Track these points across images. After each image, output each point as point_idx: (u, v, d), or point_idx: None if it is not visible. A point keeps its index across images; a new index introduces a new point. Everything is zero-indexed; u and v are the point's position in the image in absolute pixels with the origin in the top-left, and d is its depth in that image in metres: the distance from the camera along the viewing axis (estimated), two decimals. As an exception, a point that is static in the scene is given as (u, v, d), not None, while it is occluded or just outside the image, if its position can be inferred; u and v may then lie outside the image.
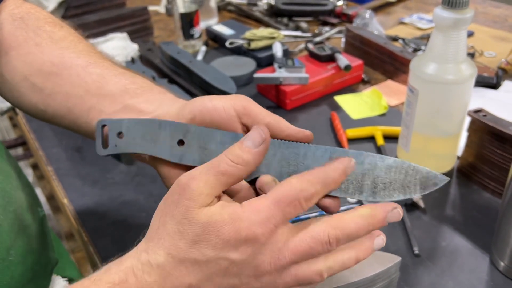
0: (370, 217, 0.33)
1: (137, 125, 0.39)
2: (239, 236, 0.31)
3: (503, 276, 0.52)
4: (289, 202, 0.32)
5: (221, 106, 0.38)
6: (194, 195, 0.31)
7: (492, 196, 0.63)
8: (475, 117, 0.61)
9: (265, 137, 0.34)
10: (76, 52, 0.46)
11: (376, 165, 0.36)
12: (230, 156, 0.33)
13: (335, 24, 1.18)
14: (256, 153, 0.34)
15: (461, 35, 0.57)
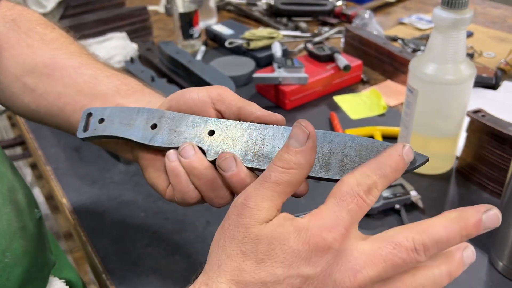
0: (461, 220, 0.29)
1: (118, 112, 0.41)
2: (309, 247, 0.27)
3: (502, 276, 0.52)
4: (350, 199, 0.28)
5: (195, 94, 0.40)
6: (254, 212, 0.29)
7: (491, 197, 0.63)
8: (474, 117, 0.61)
9: (310, 131, 0.30)
10: (67, 53, 0.47)
11: (346, 144, 0.34)
12: (279, 163, 0.30)
13: (335, 24, 1.18)
14: (305, 151, 0.30)
15: (460, 35, 0.57)
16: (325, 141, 0.35)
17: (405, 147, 0.30)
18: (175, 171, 0.37)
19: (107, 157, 0.74)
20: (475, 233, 0.29)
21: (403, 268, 0.28)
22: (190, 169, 0.37)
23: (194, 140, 0.38)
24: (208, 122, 0.39)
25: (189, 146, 0.37)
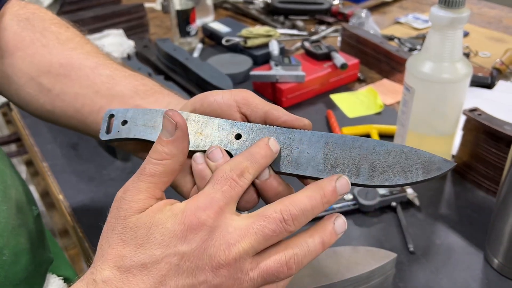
0: (319, 189, 0.32)
1: (141, 114, 0.40)
2: (184, 226, 0.29)
3: (497, 273, 0.53)
4: (223, 182, 0.31)
5: (220, 97, 0.39)
6: (130, 204, 0.31)
7: (486, 195, 0.63)
8: (470, 116, 0.62)
9: (177, 121, 0.32)
10: (84, 53, 0.46)
11: (374, 150, 0.35)
12: (153, 154, 0.32)
13: (332, 23, 1.18)
14: (175, 141, 0.32)
15: (457, 34, 0.58)
16: (354, 146, 0.35)
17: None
18: (202, 174, 0.37)
19: (104, 154, 0.74)
20: (333, 199, 0.32)
21: (275, 238, 0.31)
22: None
23: (221, 143, 0.37)
24: (234, 126, 0.37)
25: (217, 150, 0.37)
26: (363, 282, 0.46)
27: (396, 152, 0.34)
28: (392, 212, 0.61)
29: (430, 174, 0.34)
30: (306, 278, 0.44)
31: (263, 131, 0.37)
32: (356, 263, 0.46)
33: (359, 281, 0.45)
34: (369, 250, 0.47)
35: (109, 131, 0.41)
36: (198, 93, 0.87)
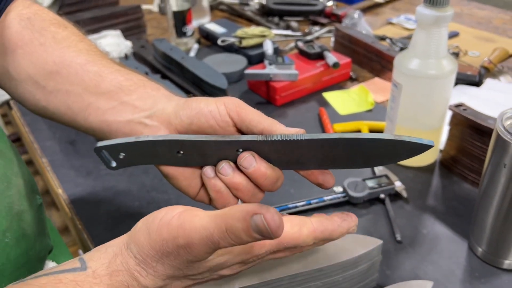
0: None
1: (132, 146, 0.41)
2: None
3: (480, 261, 0.55)
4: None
5: (217, 113, 0.40)
6: (194, 254, 0.32)
7: (471, 187, 0.65)
8: (456, 111, 0.64)
9: (276, 236, 0.31)
10: (76, 51, 0.47)
11: (366, 145, 0.38)
12: (232, 236, 0.31)
13: (325, 24, 1.21)
14: (259, 242, 0.34)
15: (442, 32, 0.60)
16: (349, 144, 0.37)
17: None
18: (216, 188, 0.40)
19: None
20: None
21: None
22: (233, 185, 0.40)
23: (228, 157, 0.40)
24: (232, 143, 0.39)
25: (227, 165, 0.40)
26: (351, 268, 0.48)
27: (387, 144, 0.37)
28: (381, 204, 0.63)
29: (411, 156, 0.37)
30: (294, 264, 0.46)
31: (260, 144, 0.38)
32: (343, 249, 0.47)
33: (346, 266, 0.47)
34: (356, 237, 0.49)
35: (109, 162, 0.42)
36: (194, 91, 0.89)
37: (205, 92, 0.86)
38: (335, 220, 0.38)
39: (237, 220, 0.29)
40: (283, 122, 0.85)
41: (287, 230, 0.35)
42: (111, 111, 0.44)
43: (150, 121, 0.42)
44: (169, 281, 0.34)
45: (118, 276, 0.32)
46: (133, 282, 0.32)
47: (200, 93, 0.86)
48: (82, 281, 0.31)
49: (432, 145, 0.36)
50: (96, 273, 0.32)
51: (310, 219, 0.37)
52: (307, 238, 0.36)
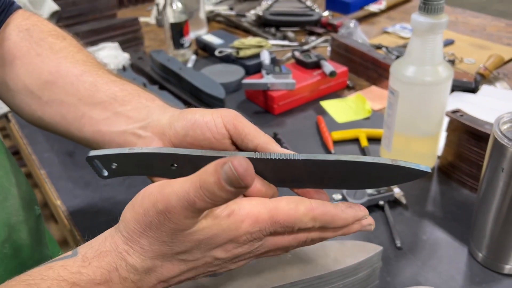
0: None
1: (125, 158, 0.40)
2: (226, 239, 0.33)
3: (481, 266, 0.55)
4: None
5: (213, 125, 0.39)
6: (176, 226, 0.31)
7: (470, 193, 0.65)
8: (453, 117, 0.64)
9: (247, 184, 0.29)
10: (73, 61, 0.47)
11: (362, 169, 0.37)
12: (207, 193, 0.29)
13: (321, 34, 1.22)
14: (235, 193, 0.29)
15: (437, 39, 0.60)
16: (344, 166, 0.37)
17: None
18: None
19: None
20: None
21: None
22: None
23: None
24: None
25: None
26: (351, 274, 0.48)
27: (384, 169, 0.36)
28: (380, 211, 0.63)
29: (407, 180, 0.37)
30: (295, 270, 0.46)
31: (257, 161, 0.38)
32: (343, 255, 0.47)
33: (347, 273, 0.47)
34: (356, 244, 0.49)
35: (101, 171, 0.42)
36: (192, 102, 0.89)
37: (203, 102, 0.86)
38: (339, 205, 0.36)
39: (210, 174, 0.28)
40: (281, 131, 0.85)
41: (283, 206, 0.33)
42: (105, 122, 0.43)
43: (144, 132, 0.42)
44: (159, 262, 0.32)
45: (106, 257, 0.32)
46: (121, 263, 0.32)
47: (198, 103, 0.86)
48: (70, 265, 0.31)
49: (429, 171, 0.36)
50: (85, 257, 0.32)
51: (309, 200, 0.35)
52: (304, 217, 0.34)
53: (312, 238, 0.36)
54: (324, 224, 0.35)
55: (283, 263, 0.46)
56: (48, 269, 0.31)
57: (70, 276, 0.30)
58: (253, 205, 0.33)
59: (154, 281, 0.33)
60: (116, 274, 0.31)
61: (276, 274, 0.45)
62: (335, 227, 0.36)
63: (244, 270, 0.45)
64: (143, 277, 0.32)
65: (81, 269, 0.31)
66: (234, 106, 0.91)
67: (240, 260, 0.35)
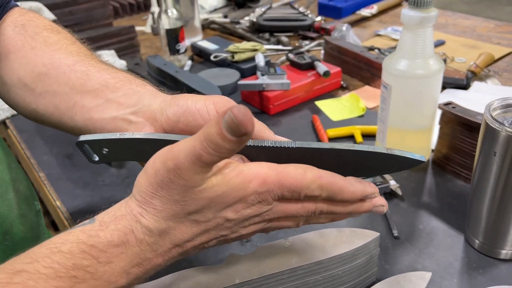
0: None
1: (116, 143, 0.40)
2: (233, 200, 0.33)
3: (477, 252, 0.55)
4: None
5: (205, 111, 0.40)
6: (187, 183, 0.32)
7: (464, 183, 0.66)
8: (445, 109, 0.66)
9: (248, 131, 0.29)
10: (66, 53, 0.48)
11: (357, 158, 0.37)
12: (211, 145, 0.30)
13: (314, 38, 1.24)
14: (239, 142, 0.30)
15: (427, 32, 0.62)
16: (339, 155, 0.37)
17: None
18: None
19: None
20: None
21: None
22: None
23: None
24: None
25: None
26: (349, 261, 0.48)
27: (378, 157, 0.37)
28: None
29: (402, 169, 0.38)
30: (294, 257, 0.46)
31: (252, 149, 0.38)
32: (341, 242, 0.48)
33: (345, 259, 0.48)
34: (353, 231, 0.50)
35: (92, 156, 0.42)
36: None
37: (199, 103, 0.87)
38: (348, 178, 0.36)
39: (212, 126, 0.29)
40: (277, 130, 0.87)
41: (290, 171, 0.34)
42: (96, 109, 0.44)
43: (135, 117, 0.42)
44: (172, 224, 0.33)
45: (122, 220, 0.33)
46: (136, 225, 0.32)
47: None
48: (89, 229, 0.32)
49: (423, 160, 0.37)
50: (103, 221, 0.33)
51: (318, 169, 0.35)
52: (312, 183, 0.34)
53: (321, 209, 0.36)
54: (331, 194, 0.35)
55: (282, 251, 0.47)
56: (68, 234, 0.32)
57: (88, 239, 0.32)
58: (261, 166, 0.34)
59: (169, 244, 0.34)
60: (132, 236, 0.32)
61: (275, 261, 0.46)
62: (343, 199, 0.36)
63: (244, 258, 0.46)
64: (157, 239, 0.33)
65: (99, 233, 0.32)
66: (231, 108, 0.92)
67: (250, 224, 0.36)
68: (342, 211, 0.37)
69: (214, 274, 0.45)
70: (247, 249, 0.57)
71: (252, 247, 0.57)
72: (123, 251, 0.32)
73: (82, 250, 0.31)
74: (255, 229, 0.36)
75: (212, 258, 0.56)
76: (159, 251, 0.34)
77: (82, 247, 0.31)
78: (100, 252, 0.31)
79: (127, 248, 0.32)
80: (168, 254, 0.34)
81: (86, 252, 0.31)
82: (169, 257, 0.35)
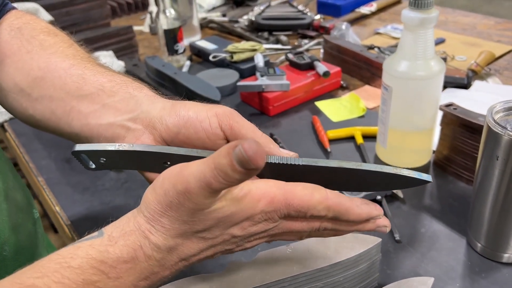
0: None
1: (114, 154, 0.40)
2: (241, 218, 0.34)
3: (480, 256, 0.55)
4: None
5: (207, 124, 0.39)
6: (196, 206, 0.32)
7: (466, 185, 0.66)
8: (447, 110, 0.65)
9: (257, 166, 0.29)
10: (62, 56, 0.47)
11: (362, 175, 0.37)
12: (222, 174, 0.30)
13: (314, 37, 1.23)
14: (248, 174, 0.30)
15: (428, 33, 0.61)
16: (346, 173, 0.37)
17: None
18: None
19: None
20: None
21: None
22: None
23: None
24: None
25: None
26: (351, 267, 0.48)
27: (385, 176, 0.37)
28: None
29: (408, 187, 0.38)
30: (296, 264, 0.46)
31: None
32: (343, 248, 0.48)
33: (347, 265, 0.47)
34: (355, 236, 0.49)
35: (88, 165, 0.41)
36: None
37: (198, 105, 0.86)
38: (354, 199, 0.36)
39: (223, 156, 0.29)
40: (277, 131, 0.86)
41: (298, 191, 0.34)
42: (93, 114, 0.43)
43: (133, 124, 0.41)
44: (180, 241, 0.33)
45: (131, 236, 0.33)
46: (144, 241, 0.33)
47: (193, 106, 0.87)
48: (98, 244, 0.32)
49: (430, 181, 0.37)
50: (111, 236, 0.33)
51: (326, 189, 0.35)
52: (319, 205, 0.34)
53: (325, 227, 0.36)
54: (337, 215, 0.35)
55: (284, 258, 0.47)
56: (76, 248, 0.32)
57: (98, 255, 0.32)
58: (269, 186, 0.34)
59: (176, 259, 0.34)
60: (141, 252, 0.33)
61: (277, 268, 0.45)
62: (348, 220, 0.36)
63: (245, 266, 0.46)
64: (165, 255, 0.33)
65: (108, 248, 0.32)
66: (230, 109, 0.92)
67: (256, 239, 0.36)
68: (346, 229, 0.38)
69: (215, 282, 0.44)
70: (248, 255, 0.57)
71: (253, 253, 0.57)
72: (132, 267, 0.32)
73: (92, 265, 0.31)
74: (259, 243, 0.37)
75: (213, 264, 0.55)
76: (166, 265, 0.34)
77: (92, 263, 0.31)
78: (110, 267, 0.32)
79: (136, 264, 0.33)
80: (175, 267, 0.35)
81: (96, 267, 0.31)
82: (176, 269, 0.35)
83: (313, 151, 0.77)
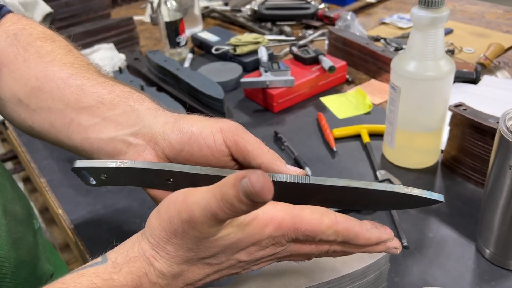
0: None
1: (116, 171, 0.38)
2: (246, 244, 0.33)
3: (489, 263, 0.54)
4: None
5: (211, 141, 0.38)
6: (200, 234, 0.31)
7: (475, 187, 0.65)
8: (456, 111, 0.64)
9: (265, 199, 0.28)
10: (60, 65, 0.45)
11: (372, 194, 0.36)
12: (227, 205, 0.29)
13: (318, 27, 1.20)
14: (254, 206, 0.29)
15: (438, 33, 0.59)
16: (356, 192, 0.36)
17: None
18: None
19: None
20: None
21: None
22: None
23: None
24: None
25: None
26: (359, 278, 0.47)
27: (396, 196, 0.36)
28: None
29: (419, 206, 0.38)
30: (302, 278, 0.45)
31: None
32: (351, 259, 0.47)
33: (355, 278, 0.47)
34: (363, 247, 0.49)
35: (89, 181, 0.40)
36: (191, 103, 0.88)
37: (202, 103, 0.85)
38: (364, 223, 0.35)
39: (229, 187, 0.28)
40: (282, 129, 0.84)
41: (306, 215, 0.33)
42: (93, 128, 0.41)
43: (135, 139, 0.40)
44: (185, 267, 0.33)
45: (135, 262, 0.32)
46: (149, 268, 0.32)
47: (197, 104, 0.85)
48: (102, 272, 0.32)
49: (442, 201, 0.36)
50: (116, 263, 0.32)
51: (335, 213, 0.34)
52: (328, 229, 0.33)
53: (334, 250, 0.36)
54: (346, 240, 0.35)
55: (291, 270, 0.46)
56: (80, 276, 0.32)
57: (103, 283, 0.31)
58: (277, 210, 0.33)
59: (181, 284, 0.34)
60: (146, 279, 0.32)
61: (283, 281, 0.45)
62: (357, 244, 0.35)
63: (251, 278, 0.45)
64: (170, 281, 0.33)
65: (113, 275, 0.31)
66: (233, 105, 0.90)
67: (262, 262, 0.35)
68: (355, 251, 0.37)
69: (221, 296, 0.44)
70: (254, 262, 0.56)
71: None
72: None
73: None
74: (266, 265, 0.36)
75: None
76: None
77: None
78: None
79: None
80: None
81: None
82: None
83: (318, 150, 0.76)
